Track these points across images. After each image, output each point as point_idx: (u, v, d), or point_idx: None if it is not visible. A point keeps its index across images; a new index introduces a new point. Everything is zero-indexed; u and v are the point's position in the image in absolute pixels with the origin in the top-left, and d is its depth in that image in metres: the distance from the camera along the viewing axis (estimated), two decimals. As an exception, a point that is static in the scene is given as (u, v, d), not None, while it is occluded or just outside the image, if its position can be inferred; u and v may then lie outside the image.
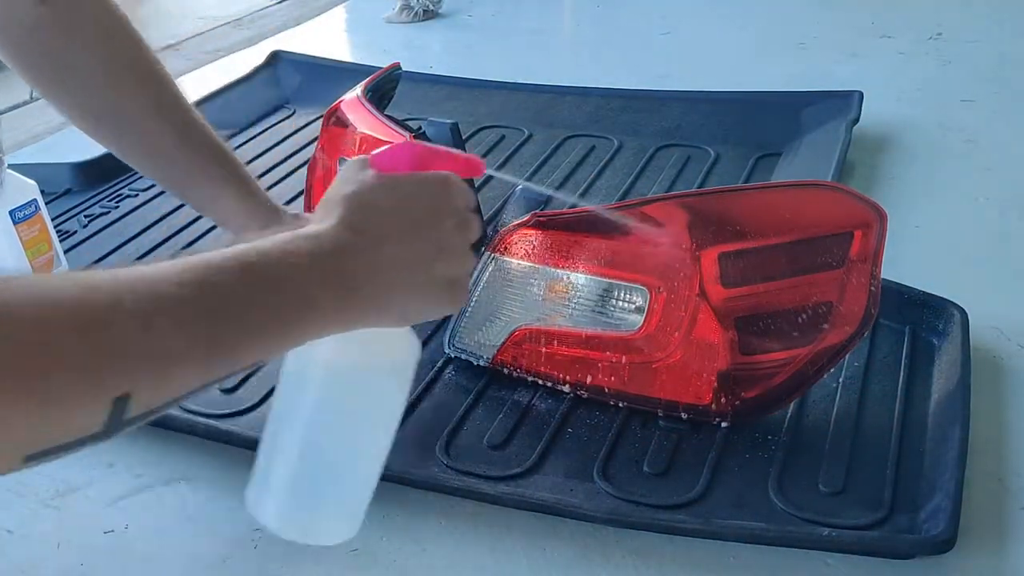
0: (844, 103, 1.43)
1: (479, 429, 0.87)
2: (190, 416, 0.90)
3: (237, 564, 0.78)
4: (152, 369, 0.40)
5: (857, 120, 1.39)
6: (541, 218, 0.90)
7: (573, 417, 0.88)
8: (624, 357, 0.86)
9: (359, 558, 0.78)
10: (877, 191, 1.30)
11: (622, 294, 0.86)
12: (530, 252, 0.90)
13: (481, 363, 0.93)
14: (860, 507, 0.76)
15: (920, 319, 0.96)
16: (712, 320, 0.82)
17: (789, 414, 0.86)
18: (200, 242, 1.25)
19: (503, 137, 1.51)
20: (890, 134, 1.45)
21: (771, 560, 0.74)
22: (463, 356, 0.95)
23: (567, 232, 0.88)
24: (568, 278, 0.88)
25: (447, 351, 0.95)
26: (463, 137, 1.09)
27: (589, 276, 0.88)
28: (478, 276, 0.92)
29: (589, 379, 0.89)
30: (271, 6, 2.53)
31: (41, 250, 1.14)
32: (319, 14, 2.35)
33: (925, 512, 0.74)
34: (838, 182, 1.23)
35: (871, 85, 1.48)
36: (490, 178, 1.36)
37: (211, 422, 0.89)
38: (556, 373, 0.90)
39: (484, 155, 1.45)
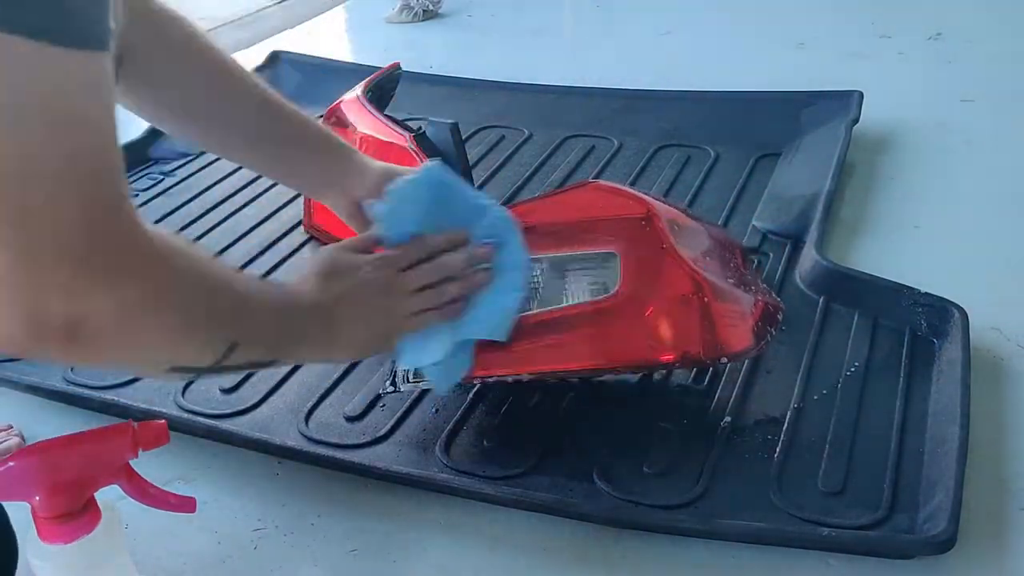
0: (844, 103, 1.43)
1: (479, 429, 0.87)
2: (190, 416, 0.91)
3: (237, 564, 0.78)
4: (248, 338, 0.60)
5: (857, 120, 1.39)
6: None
7: (573, 417, 0.89)
8: (599, 328, 0.84)
9: (359, 558, 0.78)
10: (877, 191, 1.30)
11: (591, 264, 0.85)
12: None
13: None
14: (860, 507, 0.76)
15: (920, 319, 0.96)
16: (677, 268, 0.82)
17: (789, 414, 0.86)
18: (200, 242, 1.25)
19: (503, 137, 1.51)
20: (890, 134, 1.45)
21: (771, 560, 0.74)
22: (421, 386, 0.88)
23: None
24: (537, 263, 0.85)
25: (391, 388, 0.87)
26: (463, 137, 1.09)
27: (556, 254, 0.85)
28: None
29: (566, 363, 0.85)
30: (271, 6, 2.53)
31: (41, 250, 1.14)
32: (319, 14, 2.35)
33: (925, 512, 0.74)
34: (838, 181, 1.23)
35: (871, 85, 1.48)
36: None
37: (211, 422, 0.89)
38: (543, 366, 0.85)
39: (484, 155, 1.45)
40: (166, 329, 0.53)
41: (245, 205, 1.34)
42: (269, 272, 1.17)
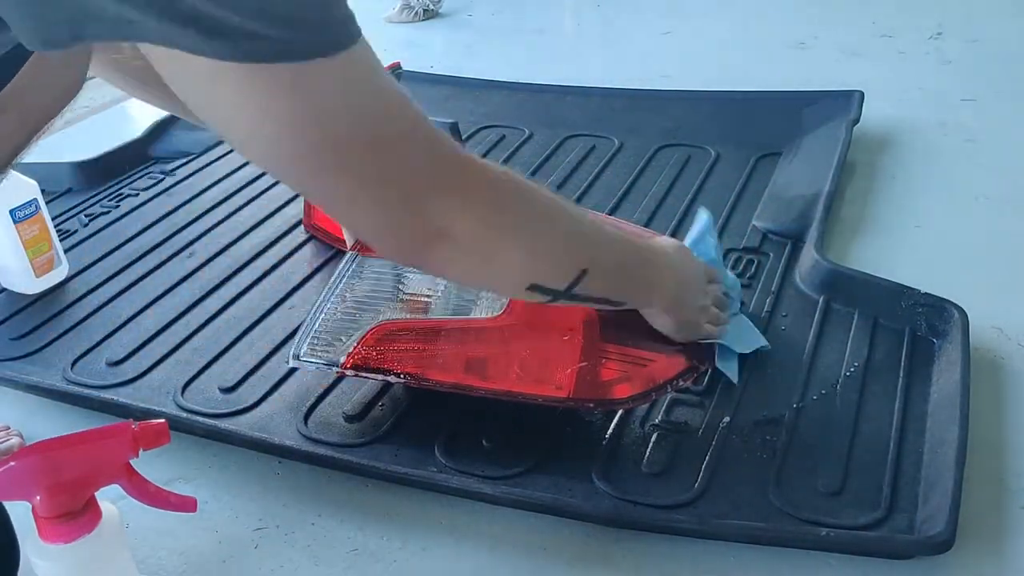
0: (844, 103, 1.43)
1: (479, 429, 0.87)
2: (190, 416, 0.91)
3: (238, 564, 0.78)
4: (597, 267, 0.68)
5: (858, 120, 1.39)
6: None
7: (572, 417, 0.89)
8: (478, 345, 0.86)
9: (359, 558, 0.78)
10: (877, 191, 1.30)
11: None
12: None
13: (333, 369, 0.88)
14: (859, 507, 0.76)
15: (920, 319, 0.96)
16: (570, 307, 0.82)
17: (788, 414, 0.86)
18: (200, 242, 1.25)
19: (503, 137, 1.51)
20: (890, 134, 1.45)
21: (770, 560, 0.74)
22: (311, 364, 0.89)
23: None
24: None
25: (290, 363, 0.89)
26: (463, 137, 1.09)
27: None
28: (338, 275, 0.90)
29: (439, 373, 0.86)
30: (271, 5, 2.53)
31: (41, 249, 1.14)
32: (319, 13, 2.35)
33: (924, 512, 0.74)
34: (838, 181, 1.23)
35: (871, 85, 1.48)
36: None
37: (211, 422, 0.89)
38: (417, 370, 0.86)
39: (484, 155, 1.44)
40: (519, 247, 0.62)
41: (245, 205, 1.34)
42: (269, 272, 1.17)
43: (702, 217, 0.94)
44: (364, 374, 0.88)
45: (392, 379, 0.87)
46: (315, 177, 0.54)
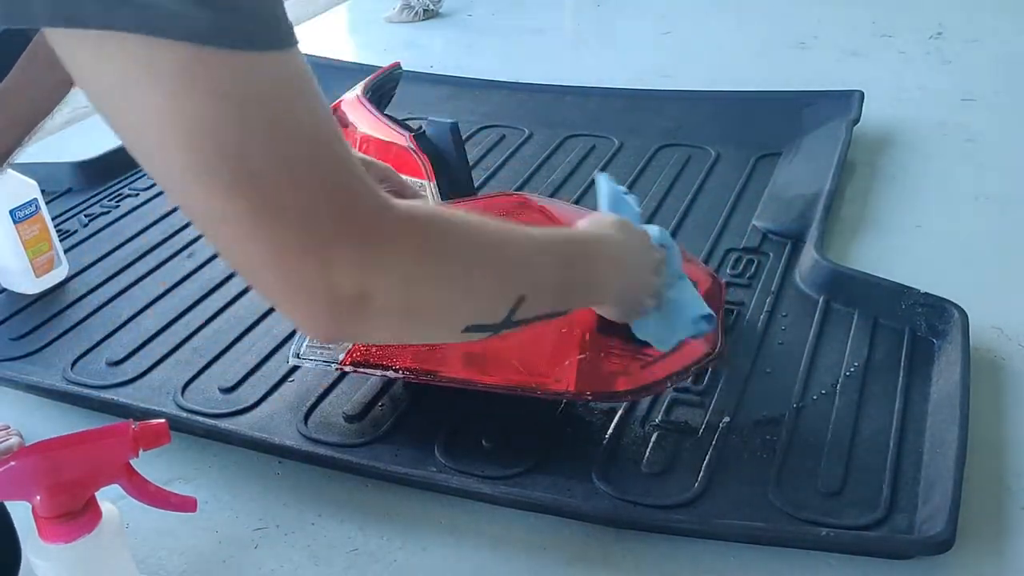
0: (844, 103, 1.43)
1: (479, 429, 0.87)
2: (190, 416, 0.91)
3: (238, 564, 0.78)
4: (533, 290, 0.61)
5: (858, 120, 1.39)
6: None
7: (572, 417, 0.89)
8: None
9: (359, 558, 0.78)
10: (877, 190, 1.30)
11: None
12: None
13: (333, 366, 0.89)
14: (859, 507, 0.76)
15: (920, 319, 0.96)
16: None
17: (788, 414, 0.86)
18: (200, 241, 1.25)
19: (503, 137, 1.51)
20: (890, 134, 1.45)
21: (770, 560, 0.74)
22: (311, 362, 0.90)
23: None
24: None
25: (291, 361, 0.91)
26: (463, 137, 1.09)
27: None
28: None
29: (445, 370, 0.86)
30: (271, 5, 2.53)
31: (41, 249, 1.14)
32: (319, 14, 2.35)
33: (924, 512, 0.74)
34: (838, 180, 1.23)
35: (871, 85, 1.48)
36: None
37: (211, 422, 0.89)
38: (416, 365, 0.87)
39: (484, 155, 1.45)
40: (448, 292, 0.55)
41: (245, 205, 1.34)
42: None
43: (601, 179, 0.84)
44: (364, 370, 0.88)
45: (391, 374, 0.87)
46: (208, 194, 0.45)
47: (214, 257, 1.21)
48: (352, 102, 1.18)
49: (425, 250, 0.53)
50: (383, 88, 1.24)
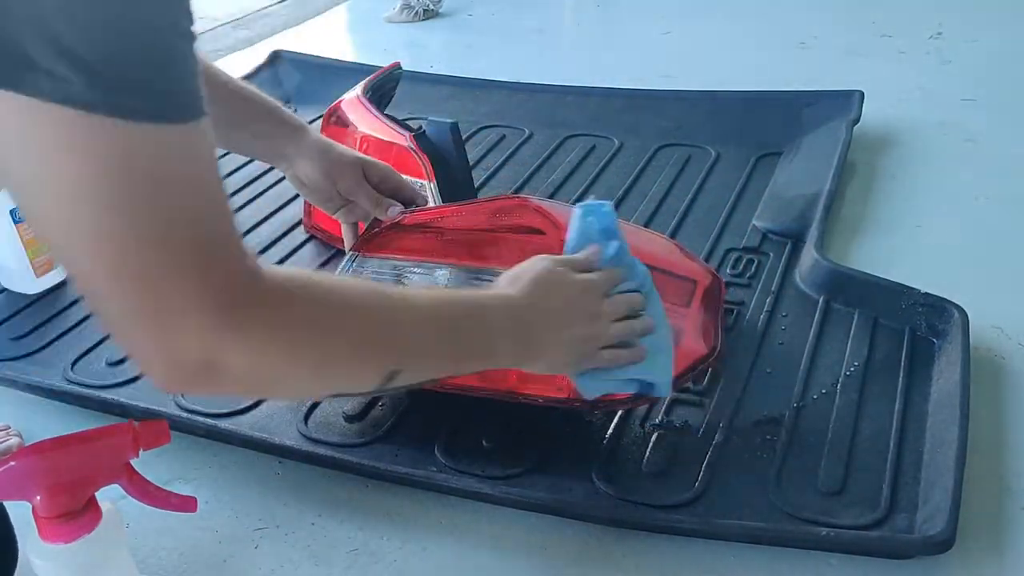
0: (844, 102, 1.43)
1: (479, 429, 0.87)
2: (190, 416, 0.91)
3: (238, 563, 0.78)
4: (410, 358, 0.61)
5: (858, 120, 1.39)
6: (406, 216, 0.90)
7: (572, 418, 0.89)
8: None
9: (359, 558, 0.78)
10: (877, 191, 1.30)
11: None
12: (399, 250, 0.90)
13: None
14: (859, 507, 0.76)
15: (920, 319, 0.96)
16: None
17: (788, 414, 0.86)
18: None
19: (503, 137, 1.51)
20: (890, 134, 1.45)
21: (771, 560, 0.74)
22: None
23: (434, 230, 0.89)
24: (439, 271, 0.87)
25: None
26: (463, 137, 1.09)
27: (459, 266, 0.87)
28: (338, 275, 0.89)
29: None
30: (271, 6, 2.53)
31: (41, 249, 1.14)
32: (319, 14, 2.35)
33: (924, 512, 0.74)
34: (838, 180, 1.23)
35: (872, 85, 1.48)
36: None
37: (211, 422, 0.89)
38: None
39: (484, 155, 1.45)
40: (303, 366, 0.54)
41: (245, 205, 1.34)
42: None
43: (577, 213, 0.75)
44: None
45: None
46: (71, 249, 0.47)
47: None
48: (352, 102, 1.18)
49: (281, 324, 0.52)
50: (383, 88, 1.24)
